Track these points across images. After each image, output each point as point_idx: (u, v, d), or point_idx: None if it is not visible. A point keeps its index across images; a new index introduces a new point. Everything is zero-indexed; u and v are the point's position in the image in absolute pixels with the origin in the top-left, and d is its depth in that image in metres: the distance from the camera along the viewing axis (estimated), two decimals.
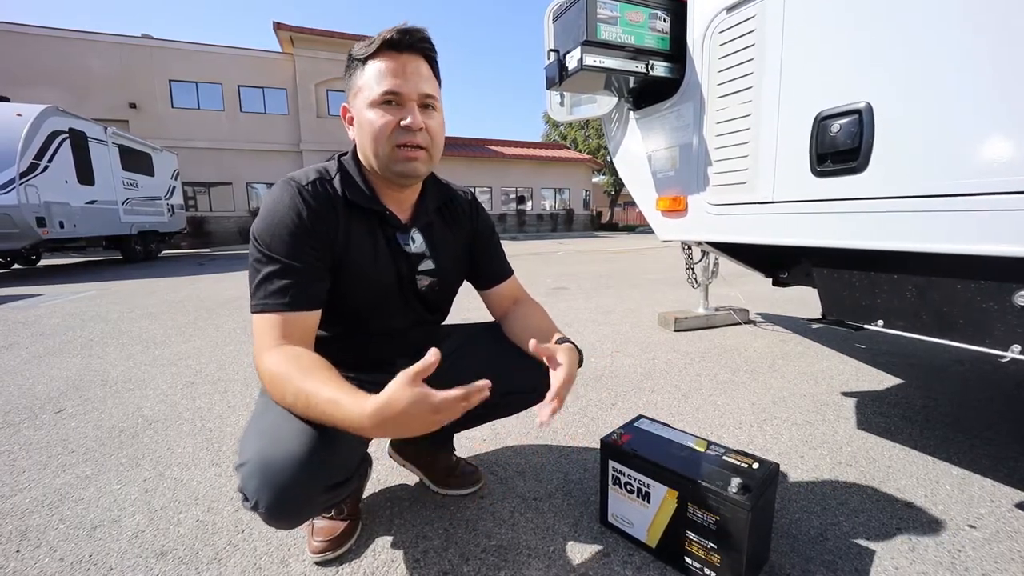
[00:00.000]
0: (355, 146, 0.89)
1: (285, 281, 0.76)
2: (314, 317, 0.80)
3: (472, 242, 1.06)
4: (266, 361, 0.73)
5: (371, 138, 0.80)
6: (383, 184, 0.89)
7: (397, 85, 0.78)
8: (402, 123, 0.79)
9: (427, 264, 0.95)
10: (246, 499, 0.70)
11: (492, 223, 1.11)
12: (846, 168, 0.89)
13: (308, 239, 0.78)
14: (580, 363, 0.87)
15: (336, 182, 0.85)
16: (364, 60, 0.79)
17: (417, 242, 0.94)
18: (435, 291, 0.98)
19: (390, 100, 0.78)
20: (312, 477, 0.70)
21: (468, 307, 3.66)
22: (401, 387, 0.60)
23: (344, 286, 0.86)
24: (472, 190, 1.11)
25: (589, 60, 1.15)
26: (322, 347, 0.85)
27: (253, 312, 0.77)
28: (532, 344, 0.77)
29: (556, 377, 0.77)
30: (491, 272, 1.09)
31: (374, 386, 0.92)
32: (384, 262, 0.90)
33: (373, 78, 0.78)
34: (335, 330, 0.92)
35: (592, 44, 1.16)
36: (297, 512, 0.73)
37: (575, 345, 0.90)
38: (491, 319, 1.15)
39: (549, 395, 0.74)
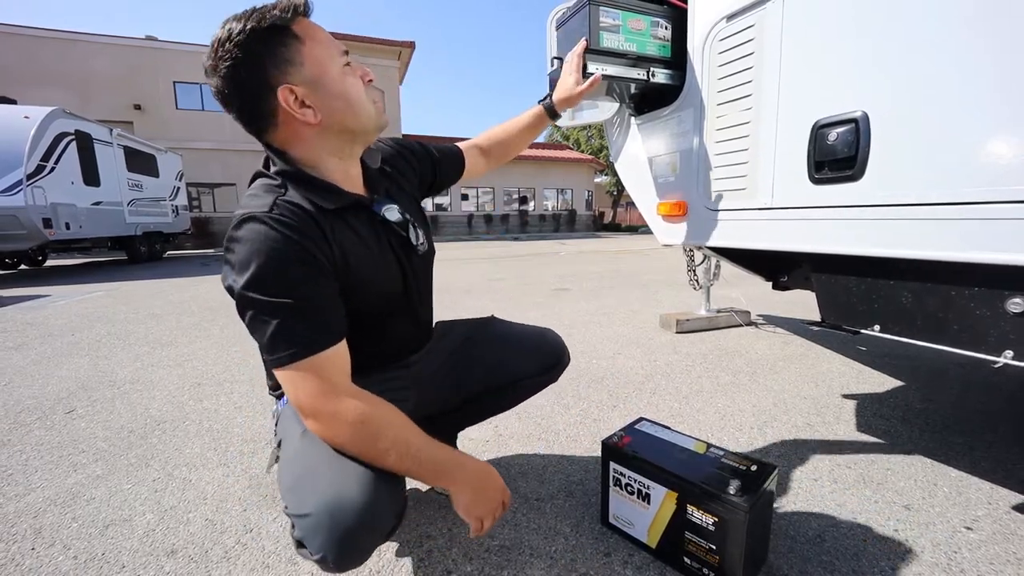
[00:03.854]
0: (281, 154, 0.76)
1: (305, 322, 0.68)
2: (345, 348, 0.74)
3: (421, 174, 1.02)
4: (345, 404, 0.69)
5: (357, 102, 0.75)
6: (334, 170, 0.79)
7: (340, 47, 0.75)
8: (368, 79, 0.77)
9: (415, 234, 0.89)
10: (301, 546, 0.68)
11: (413, 143, 1.03)
12: (843, 176, 0.90)
13: (307, 268, 0.70)
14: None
15: (298, 197, 0.73)
16: (287, 29, 0.69)
17: (394, 212, 0.86)
18: (429, 249, 0.94)
19: (348, 61, 0.76)
20: (379, 528, 0.69)
21: (470, 307, 3.69)
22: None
23: (359, 297, 0.80)
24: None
25: (591, 68, 1.17)
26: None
27: (279, 367, 0.68)
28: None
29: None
30: (450, 164, 1.08)
31: (393, 381, 0.94)
32: (385, 250, 0.84)
33: (317, 44, 0.72)
34: (360, 336, 0.84)
35: (595, 52, 1.17)
36: (362, 560, 0.71)
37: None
38: (485, 316, 1.17)
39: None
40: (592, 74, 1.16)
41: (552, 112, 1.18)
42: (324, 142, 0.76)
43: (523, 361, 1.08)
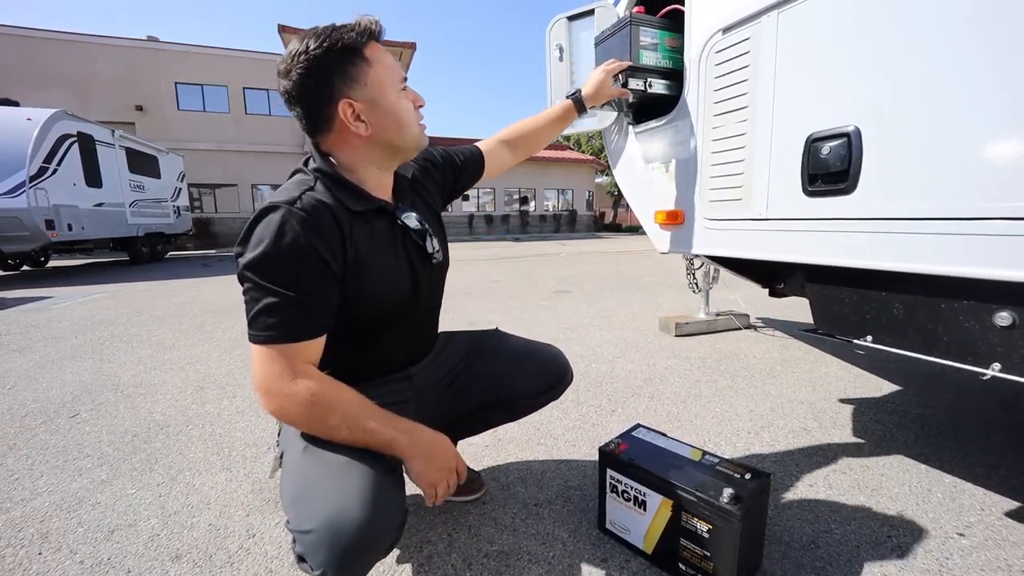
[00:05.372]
0: (325, 156, 0.84)
1: (287, 313, 0.73)
2: (320, 341, 0.78)
3: (443, 185, 1.08)
4: (298, 386, 0.73)
5: (406, 124, 0.84)
6: (370, 178, 0.86)
7: (401, 73, 0.83)
8: (419, 105, 0.86)
9: (431, 243, 0.93)
10: (302, 560, 0.70)
11: (429, 151, 1.06)
12: (836, 189, 0.92)
13: (309, 265, 0.74)
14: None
15: (325, 195, 0.79)
16: (358, 50, 0.77)
17: (413, 219, 0.90)
18: (443, 260, 0.98)
19: (404, 86, 0.84)
20: (379, 543, 0.71)
21: (470, 309, 3.70)
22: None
23: (367, 299, 0.83)
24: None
25: (633, 84, 1.25)
26: (342, 357, 0.88)
27: (255, 343, 0.73)
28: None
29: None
30: (471, 169, 1.14)
31: (395, 393, 0.96)
32: (400, 255, 0.88)
33: (383, 68, 0.80)
34: (364, 340, 0.91)
35: (636, 70, 1.25)
36: (363, 574, 0.73)
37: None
38: (491, 327, 1.19)
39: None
40: (627, 84, 1.25)
41: (580, 105, 1.24)
42: (368, 153, 0.84)
43: (525, 379, 1.08)
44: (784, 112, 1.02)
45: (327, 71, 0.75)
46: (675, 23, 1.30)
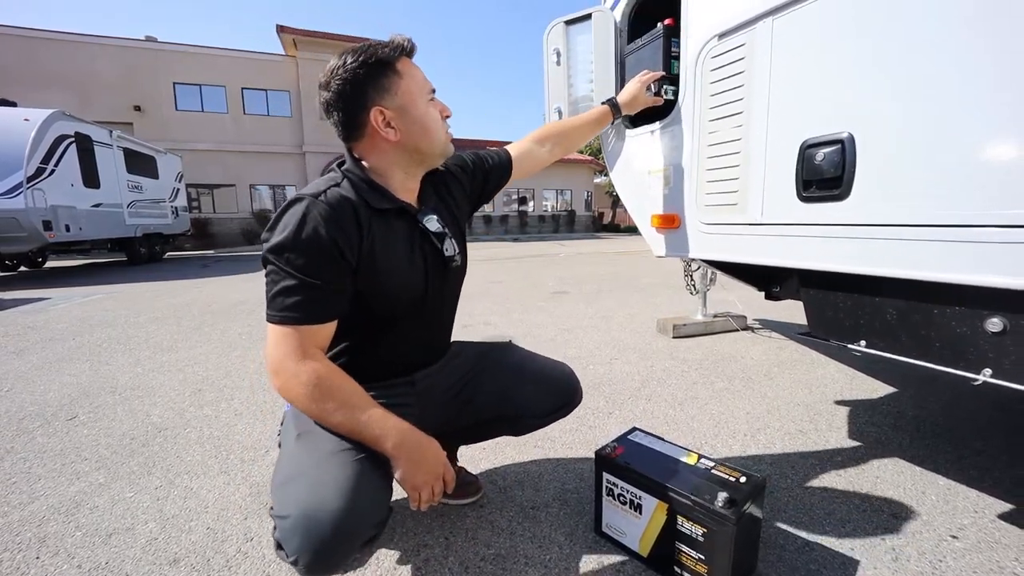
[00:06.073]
0: (357, 160, 0.90)
1: (303, 296, 0.77)
2: (331, 327, 0.83)
3: (471, 192, 1.11)
4: (305, 367, 0.77)
5: (432, 131, 0.89)
6: (396, 181, 0.91)
7: (430, 86, 0.90)
8: (446, 115, 0.93)
9: (450, 247, 0.96)
10: (280, 547, 0.72)
11: (461, 156, 1.11)
12: (830, 195, 0.93)
13: (326, 254, 0.78)
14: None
15: (350, 192, 0.84)
16: (391, 64, 0.84)
17: (433, 222, 0.94)
18: (461, 266, 1.02)
19: (433, 97, 0.90)
20: (354, 536, 0.72)
21: (469, 311, 3.71)
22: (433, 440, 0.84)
23: (378, 293, 0.87)
24: None
25: (665, 93, 1.33)
26: (351, 352, 0.91)
27: (271, 321, 0.79)
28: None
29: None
30: (499, 173, 1.16)
31: (397, 396, 0.97)
32: (416, 254, 0.92)
33: (413, 80, 0.87)
34: (372, 336, 0.94)
35: (667, 79, 1.33)
36: (337, 568, 0.73)
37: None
38: (502, 339, 1.19)
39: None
40: (659, 92, 1.33)
41: (616, 110, 1.31)
42: (397, 157, 0.90)
43: (534, 398, 1.07)
44: (779, 118, 1.02)
45: (362, 82, 0.82)
46: None
